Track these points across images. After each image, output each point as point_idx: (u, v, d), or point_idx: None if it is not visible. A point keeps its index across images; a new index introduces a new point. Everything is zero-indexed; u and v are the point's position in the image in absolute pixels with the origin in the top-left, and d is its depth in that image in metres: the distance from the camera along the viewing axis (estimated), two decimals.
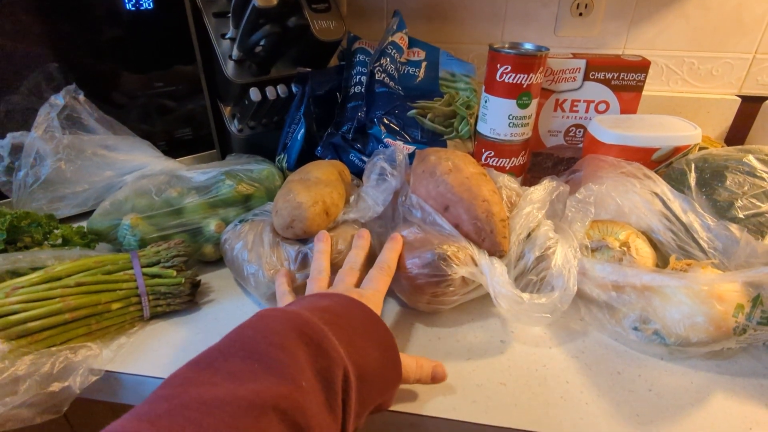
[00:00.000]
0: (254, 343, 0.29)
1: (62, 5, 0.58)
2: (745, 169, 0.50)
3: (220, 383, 0.26)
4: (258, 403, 0.25)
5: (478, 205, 0.49)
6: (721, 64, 0.85)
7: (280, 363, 0.28)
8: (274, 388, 0.27)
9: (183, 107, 0.71)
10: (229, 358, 0.28)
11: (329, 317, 0.34)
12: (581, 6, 0.83)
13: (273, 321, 0.31)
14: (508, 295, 0.45)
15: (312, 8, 0.65)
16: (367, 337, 0.35)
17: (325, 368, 0.30)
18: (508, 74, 0.58)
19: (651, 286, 0.46)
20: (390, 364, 0.36)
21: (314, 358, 0.30)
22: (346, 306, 0.37)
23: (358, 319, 0.36)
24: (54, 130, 0.53)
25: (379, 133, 0.63)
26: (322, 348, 0.30)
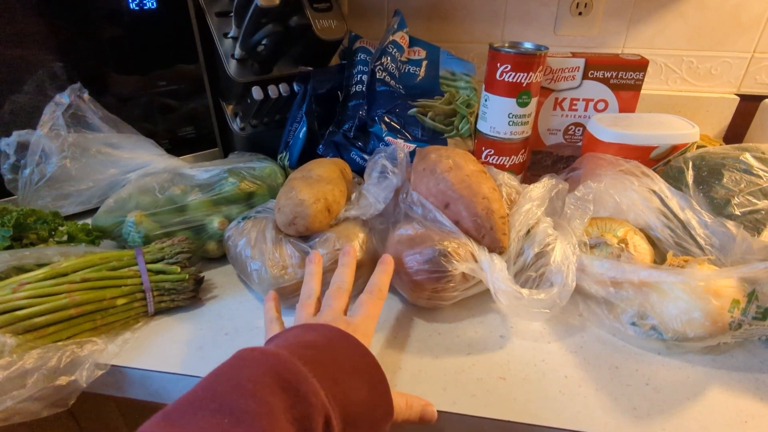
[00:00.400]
0: (226, 393, 0.28)
1: (66, 5, 0.58)
2: (742, 167, 0.51)
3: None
4: None
5: (478, 202, 0.50)
6: (720, 63, 0.86)
7: (251, 414, 0.27)
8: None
9: (186, 106, 0.71)
10: (198, 411, 0.27)
11: (312, 354, 0.33)
12: (581, 5, 0.84)
13: (248, 365, 0.30)
14: (507, 291, 0.46)
15: (314, 8, 0.66)
16: (355, 373, 0.34)
17: (303, 416, 0.29)
18: (507, 73, 0.59)
19: (648, 282, 0.46)
20: (379, 402, 0.35)
21: (291, 405, 0.29)
22: (333, 340, 0.36)
23: (345, 355, 0.35)
24: (59, 128, 0.54)
25: (380, 131, 0.64)
26: (300, 394, 0.29)
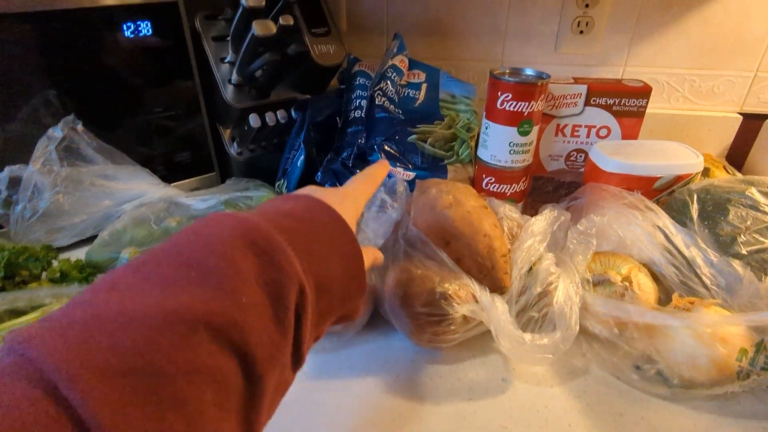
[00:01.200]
0: (194, 249, 0.25)
1: (61, 33, 0.57)
2: (748, 203, 0.50)
3: (148, 291, 0.23)
4: (187, 317, 0.22)
5: (480, 240, 0.49)
6: (723, 81, 0.85)
7: (219, 274, 0.24)
8: (207, 303, 0.23)
9: (182, 131, 0.70)
10: (162, 263, 0.24)
11: (289, 223, 0.30)
12: (582, 24, 0.83)
13: (220, 227, 0.27)
14: (509, 336, 0.45)
15: (312, 33, 0.65)
16: (332, 247, 0.32)
17: (275, 281, 0.26)
18: (509, 102, 0.58)
19: (654, 324, 0.45)
20: (354, 276, 0.33)
21: (263, 270, 0.26)
22: (312, 210, 0.33)
23: (323, 227, 0.32)
24: (52, 163, 0.53)
25: (378, 159, 0.62)
26: (274, 260, 0.27)
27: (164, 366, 0.20)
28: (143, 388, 0.19)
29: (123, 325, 0.20)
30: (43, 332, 0.19)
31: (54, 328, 0.20)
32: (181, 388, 0.20)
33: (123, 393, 0.19)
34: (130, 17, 0.59)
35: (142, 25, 0.60)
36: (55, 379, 0.18)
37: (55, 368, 0.18)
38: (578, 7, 0.81)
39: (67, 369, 0.18)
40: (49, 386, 0.18)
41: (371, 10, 0.88)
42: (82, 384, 0.18)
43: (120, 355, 0.19)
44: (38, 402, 0.17)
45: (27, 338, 0.19)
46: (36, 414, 0.17)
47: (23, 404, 0.17)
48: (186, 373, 0.21)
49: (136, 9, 0.59)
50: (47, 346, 0.19)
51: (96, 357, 0.19)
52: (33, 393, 0.17)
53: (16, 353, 0.19)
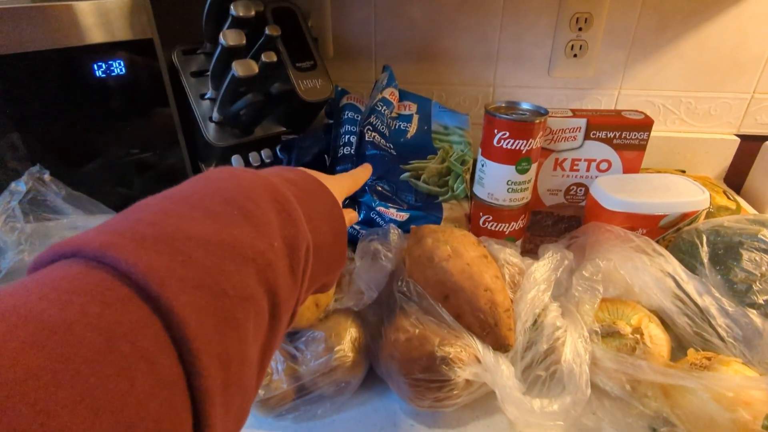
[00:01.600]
0: (231, 191, 0.27)
1: (28, 76, 0.53)
2: (762, 247, 0.47)
3: (200, 220, 0.23)
4: (240, 251, 0.23)
5: (481, 295, 0.46)
6: (719, 103, 0.83)
7: (256, 218, 0.26)
8: (252, 241, 0.24)
9: (162, 171, 0.66)
10: (206, 197, 0.25)
11: (295, 191, 0.32)
12: (575, 47, 0.81)
13: (247, 180, 0.29)
14: (517, 403, 0.41)
15: (296, 67, 0.61)
16: (325, 217, 0.35)
17: (292, 236, 0.28)
18: (506, 140, 0.55)
19: (670, 382, 0.42)
20: (338, 247, 0.37)
21: (283, 225, 0.28)
22: (310, 183, 0.36)
23: (319, 200, 0.36)
24: (15, 219, 0.49)
25: (370, 201, 0.59)
26: (291, 218, 0.29)
27: (227, 288, 0.22)
28: (212, 303, 0.21)
29: (193, 246, 0.21)
30: (119, 241, 0.20)
31: (128, 240, 0.20)
32: (237, 311, 0.22)
33: (200, 303, 0.20)
34: (101, 57, 0.55)
35: (114, 64, 0.56)
36: (144, 283, 0.19)
37: (143, 273, 0.19)
38: (571, 31, 0.79)
39: (155, 274, 0.19)
40: (138, 287, 0.19)
41: (358, 35, 0.85)
42: (171, 288, 0.19)
43: (194, 271, 0.21)
44: (131, 300, 0.18)
45: (103, 245, 0.19)
46: (129, 311, 0.18)
47: (116, 303, 0.18)
48: (241, 299, 0.22)
49: (107, 48, 0.56)
50: (130, 254, 0.19)
51: (176, 269, 0.20)
52: (124, 292, 0.18)
53: (86, 258, 0.19)
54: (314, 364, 0.45)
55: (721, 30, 0.77)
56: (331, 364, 0.45)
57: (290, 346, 0.46)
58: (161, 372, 0.17)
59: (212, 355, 0.20)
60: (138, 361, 0.17)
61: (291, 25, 0.64)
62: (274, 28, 0.57)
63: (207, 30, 0.60)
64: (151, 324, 0.18)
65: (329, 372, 0.45)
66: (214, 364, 0.20)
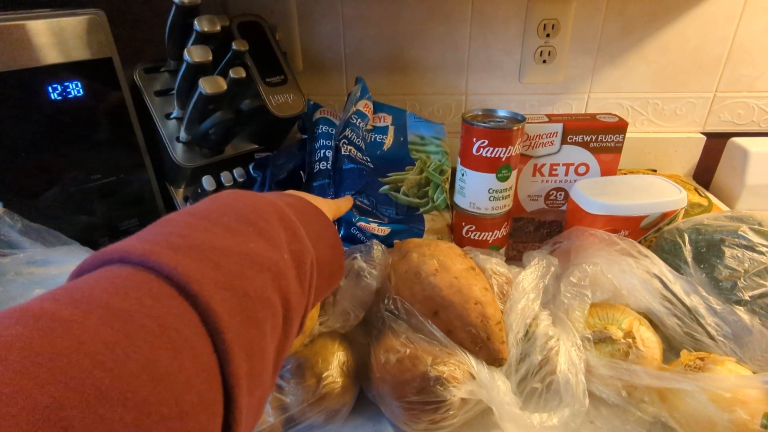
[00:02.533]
0: (244, 211, 0.30)
1: None
2: (743, 243, 0.48)
3: (221, 235, 0.26)
4: (258, 260, 0.26)
5: (471, 309, 0.44)
6: (684, 103, 0.85)
7: (268, 234, 0.29)
8: (267, 253, 0.27)
9: (128, 196, 0.63)
10: (223, 216, 0.28)
11: (295, 212, 0.35)
12: (544, 53, 0.81)
13: (256, 202, 0.32)
14: (515, 419, 0.40)
15: (266, 83, 0.59)
16: (321, 235, 0.38)
17: (298, 250, 0.31)
18: (485, 148, 0.54)
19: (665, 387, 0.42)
20: (336, 260, 0.41)
21: (290, 240, 0.31)
22: (305, 205, 0.39)
23: (316, 220, 0.39)
24: None
25: (350, 216, 0.57)
26: (296, 235, 0.32)
27: (249, 291, 0.25)
28: (239, 303, 0.24)
29: (219, 255, 0.25)
30: (158, 249, 0.23)
31: (166, 248, 0.23)
32: (257, 311, 0.25)
33: (229, 302, 0.23)
34: (56, 78, 0.52)
35: (70, 86, 0.53)
36: (184, 283, 0.22)
37: (183, 275, 0.22)
38: (540, 37, 0.80)
39: (193, 276, 0.22)
40: (179, 287, 0.22)
41: (327, 48, 0.83)
42: (207, 288, 0.22)
43: (223, 275, 0.24)
44: (174, 297, 0.21)
45: (146, 252, 0.22)
46: (174, 305, 0.21)
47: (163, 298, 0.21)
48: (261, 301, 0.25)
49: (62, 69, 0.52)
50: (170, 259, 0.22)
51: (209, 272, 0.23)
52: (168, 290, 0.21)
53: (131, 263, 0.22)
54: (302, 393, 0.42)
55: (682, 33, 0.79)
56: (319, 392, 0.43)
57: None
58: (201, 357, 0.20)
59: (240, 346, 0.22)
60: (183, 345, 0.20)
61: (258, 40, 0.62)
62: (242, 42, 0.55)
63: (170, 47, 0.58)
64: (191, 316, 0.21)
65: (318, 400, 0.43)
66: (241, 354, 0.23)
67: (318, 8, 0.80)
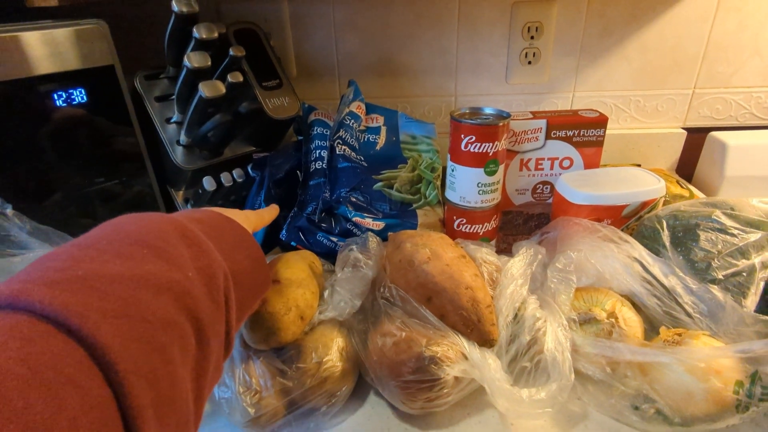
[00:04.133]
0: (139, 233, 0.28)
1: None
2: (716, 227, 0.51)
3: (111, 261, 0.25)
4: (155, 282, 0.25)
5: (462, 293, 0.47)
6: (665, 100, 0.89)
7: (167, 253, 0.28)
8: (166, 273, 0.26)
9: (129, 198, 0.65)
10: (114, 242, 0.27)
11: (202, 227, 0.34)
12: (529, 55, 0.85)
13: (153, 221, 0.30)
14: (506, 394, 0.42)
15: (263, 86, 0.62)
16: (237, 247, 0.37)
17: (206, 266, 0.30)
18: (473, 144, 0.57)
19: (646, 360, 0.44)
20: (260, 271, 0.39)
21: (195, 257, 0.30)
22: (216, 219, 0.38)
23: (228, 232, 0.38)
24: None
25: (346, 212, 0.60)
26: (202, 250, 0.31)
27: (147, 315, 0.23)
28: (135, 330, 0.22)
29: (106, 282, 0.23)
30: (30, 287, 0.21)
31: (40, 285, 0.21)
32: (159, 336, 0.23)
33: (122, 330, 0.22)
34: (61, 86, 0.54)
35: (75, 93, 0.55)
36: (63, 318, 0.20)
37: (61, 309, 0.20)
38: (524, 39, 0.83)
39: (73, 309, 0.20)
40: (58, 323, 0.20)
41: (320, 53, 0.86)
42: (90, 319, 0.20)
43: (113, 303, 0.22)
44: (51, 334, 0.19)
45: (14, 292, 0.21)
46: (50, 344, 0.19)
47: (36, 338, 0.19)
48: (163, 324, 0.24)
49: (67, 77, 0.55)
50: (44, 295, 0.21)
51: (93, 302, 0.22)
52: (43, 328, 0.19)
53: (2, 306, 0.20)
54: (303, 377, 0.45)
55: (660, 33, 0.83)
56: (320, 376, 0.45)
57: (277, 361, 0.46)
58: (89, 394, 0.19)
59: (139, 375, 0.21)
60: (64, 385, 0.18)
61: (254, 46, 0.65)
62: (239, 48, 0.57)
63: (170, 54, 0.60)
64: (74, 353, 0.19)
65: (319, 384, 0.45)
66: (142, 383, 0.21)
67: (310, 16, 0.83)
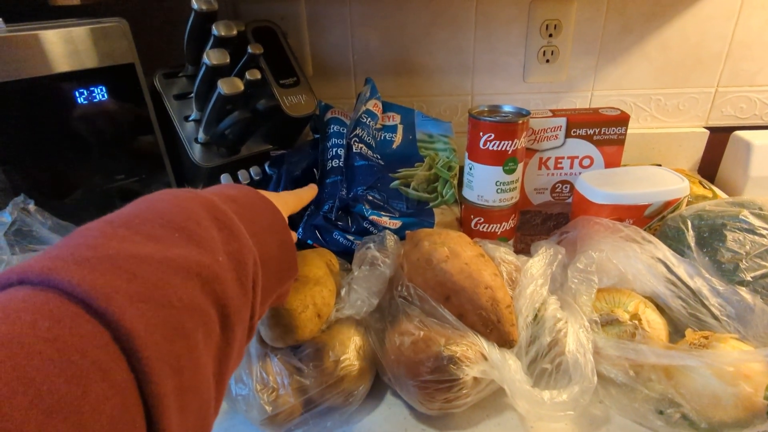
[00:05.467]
0: (171, 214, 0.28)
1: (6, 106, 0.52)
2: (744, 227, 0.49)
3: (142, 242, 0.25)
4: (184, 266, 0.25)
5: (481, 293, 0.46)
6: (686, 98, 0.87)
7: (198, 236, 0.27)
8: (196, 257, 0.26)
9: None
10: (146, 222, 0.26)
11: (236, 207, 0.33)
12: (547, 53, 0.84)
13: (186, 201, 0.30)
14: (527, 396, 0.42)
15: (280, 84, 0.62)
16: (269, 230, 0.36)
17: (236, 250, 0.29)
18: (491, 142, 0.56)
19: (672, 364, 0.43)
20: (286, 259, 0.38)
21: (227, 240, 0.29)
22: (253, 198, 0.37)
23: (261, 212, 0.37)
24: (1, 251, 0.47)
25: (363, 210, 0.59)
26: (233, 233, 0.30)
27: (173, 300, 0.23)
28: (160, 314, 0.22)
29: (135, 263, 0.23)
30: (61, 264, 0.21)
31: (70, 263, 0.21)
32: (185, 321, 0.23)
33: (148, 315, 0.21)
34: (83, 83, 0.55)
35: (96, 90, 0.56)
36: (90, 300, 0.20)
37: (88, 291, 0.20)
38: (542, 38, 0.82)
39: (100, 291, 0.20)
40: (85, 304, 0.20)
41: (336, 52, 0.86)
42: (116, 303, 0.20)
43: (139, 286, 0.22)
44: (79, 316, 0.19)
45: (44, 269, 0.20)
46: (78, 325, 0.19)
47: (65, 318, 0.19)
48: (188, 310, 0.24)
49: (88, 74, 0.55)
50: (74, 274, 0.20)
51: (121, 285, 0.21)
52: (72, 309, 0.19)
53: (30, 283, 0.20)
54: (320, 375, 0.44)
55: (682, 30, 0.81)
56: (337, 374, 0.45)
57: (295, 359, 0.45)
58: (113, 379, 0.19)
59: (163, 362, 0.21)
60: (89, 369, 0.18)
61: (272, 44, 0.65)
62: (257, 46, 0.57)
63: (189, 52, 0.61)
64: (101, 336, 0.19)
65: (336, 382, 0.45)
66: (165, 371, 0.21)
67: (327, 15, 0.83)
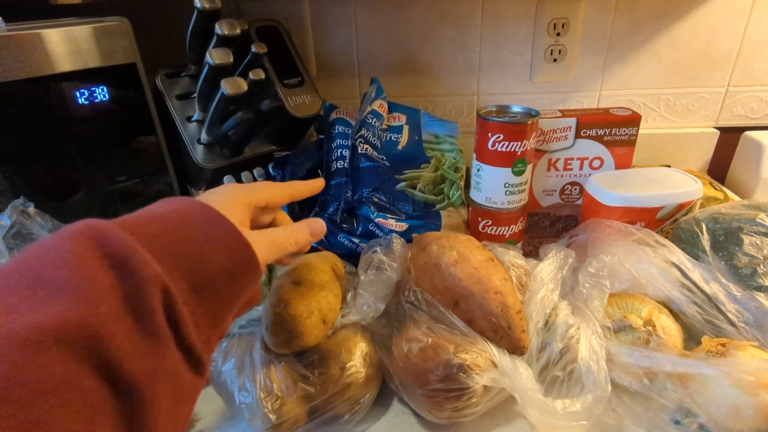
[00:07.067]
0: (42, 265, 0.24)
1: (6, 106, 0.51)
2: (761, 230, 0.48)
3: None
4: (33, 338, 0.21)
5: (491, 298, 0.45)
6: (696, 98, 0.86)
7: (72, 286, 0.23)
8: (59, 318, 0.22)
9: (150, 198, 0.64)
10: (5, 287, 0.23)
11: (154, 228, 0.29)
12: (555, 52, 0.82)
13: (69, 238, 0.26)
14: (538, 405, 0.40)
15: (284, 84, 0.61)
16: (208, 242, 0.31)
17: (134, 289, 0.25)
18: (500, 143, 0.55)
19: (688, 372, 0.42)
20: (240, 264, 0.32)
21: (121, 280, 0.25)
22: (186, 211, 0.32)
23: (197, 226, 0.31)
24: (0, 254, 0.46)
25: (368, 212, 0.58)
26: (128, 266, 0.25)
27: (10, 390, 0.19)
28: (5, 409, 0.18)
29: None
30: None
31: None
32: (35, 410, 0.19)
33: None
34: (84, 83, 0.54)
35: (97, 90, 0.55)
36: None
37: None
38: (550, 36, 0.81)
39: None
40: None
41: (340, 52, 0.85)
42: None
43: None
44: None
45: None
46: None
47: None
48: (39, 394, 0.20)
49: (89, 74, 0.54)
50: None
51: None
52: None
53: None
54: (326, 383, 0.43)
55: (692, 28, 0.80)
56: (343, 382, 0.43)
57: (299, 366, 0.44)
58: None
59: None
60: None
61: (276, 43, 0.64)
62: (261, 45, 0.56)
63: (191, 51, 0.60)
64: None
65: (342, 390, 0.44)
66: None
67: (331, 14, 0.82)
